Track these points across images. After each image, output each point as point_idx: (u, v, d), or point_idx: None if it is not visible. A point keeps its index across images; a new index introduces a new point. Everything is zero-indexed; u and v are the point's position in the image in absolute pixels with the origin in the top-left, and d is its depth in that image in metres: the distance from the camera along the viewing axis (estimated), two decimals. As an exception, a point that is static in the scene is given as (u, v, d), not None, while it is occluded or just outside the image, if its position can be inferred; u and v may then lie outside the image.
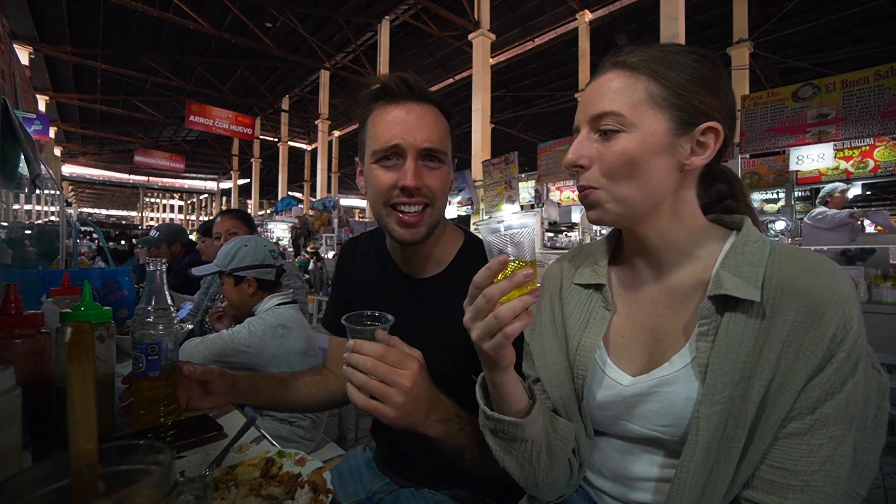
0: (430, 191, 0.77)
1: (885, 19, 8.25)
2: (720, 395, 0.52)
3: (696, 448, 0.53)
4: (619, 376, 0.62)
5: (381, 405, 0.59)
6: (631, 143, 0.57)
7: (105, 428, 0.76)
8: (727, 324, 0.54)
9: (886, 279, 3.26)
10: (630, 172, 0.58)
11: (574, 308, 0.69)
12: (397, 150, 0.75)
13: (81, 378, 0.29)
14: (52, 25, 10.18)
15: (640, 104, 0.57)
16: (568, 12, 9.41)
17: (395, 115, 0.75)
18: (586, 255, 0.74)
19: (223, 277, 1.51)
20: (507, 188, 8.22)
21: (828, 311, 0.49)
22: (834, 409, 0.49)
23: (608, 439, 0.66)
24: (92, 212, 32.83)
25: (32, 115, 6.58)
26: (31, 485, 0.28)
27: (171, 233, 2.97)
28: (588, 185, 0.61)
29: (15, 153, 1.36)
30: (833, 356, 0.49)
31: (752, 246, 0.57)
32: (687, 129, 0.58)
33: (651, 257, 0.64)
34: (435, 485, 0.89)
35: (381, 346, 0.60)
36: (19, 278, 1.37)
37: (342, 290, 1.03)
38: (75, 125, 16.80)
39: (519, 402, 0.59)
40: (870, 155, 5.62)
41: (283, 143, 16.30)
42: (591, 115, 0.60)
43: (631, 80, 0.58)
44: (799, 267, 0.53)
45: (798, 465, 0.50)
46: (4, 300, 0.64)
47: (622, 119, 0.58)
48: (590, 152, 0.61)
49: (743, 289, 0.53)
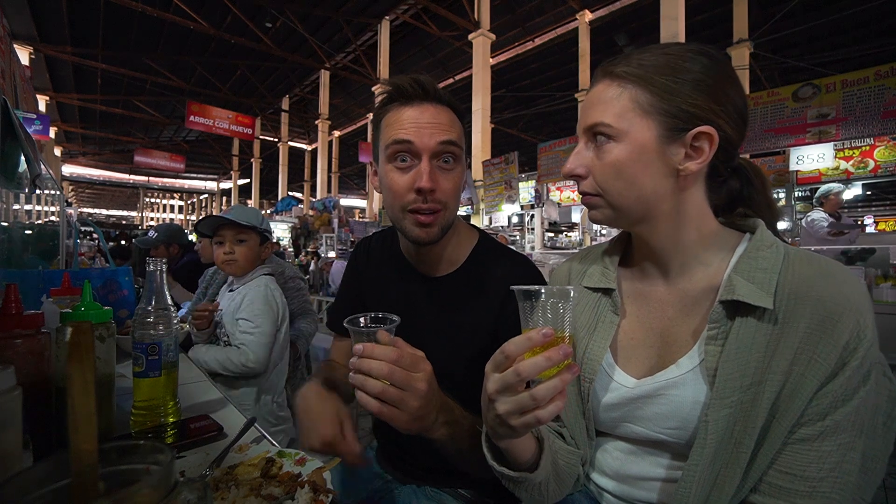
0: (443, 193, 0.76)
1: (885, 19, 8.25)
2: (729, 399, 0.52)
3: (704, 451, 0.53)
4: (625, 379, 0.62)
5: (396, 411, 0.56)
6: (621, 152, 0.58)
7: (105, 428, 0.76)
8: (738, 329, 0.53)
9: (886, 279, 3.27)
10: (621, 180, 0.59)
11: (582, 311, 0.69)
12: (410, 148, 0.74)
13: (81, 378, 0.29)
14: (52, 25, 10.18)
15: (627, 113, 0.58)
16: (568, 12, 9.41)
17: (408, 115, 0.75)
18: (595, 257, 0.73)
19: (246, 233, 1.55)
20: (507, 188, 8.23)
21: (842, 319, 0.49)
22: (844, 416, 0.49)
23: (612, 440, 0.66)
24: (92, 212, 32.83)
25: (32, 115, 6.58)
26: (31, 485, 0.28)
27: (170, 234, 2.97)
28: (586, 192, 0.63)
29: (15, 153, 1.36)
30: (846, 364, 0.49)
31: (766, 251, 0.56)
32: (678, 134, 0.57)
33: (659, 260, 0.64)
34: (437, 482, 0.90)
35: (395, 350, 0.56)
36: (19, 278, 1.37)
37: (355, 288, 1.02)
38: (75, 125, 16.81)
39: (527, 451, 0.56)
40: (870, 155, 5.62)
41: (283, 143, 16.31)
42: (585, 125, 0.62)
43: (618, 90, 0.59)
44: (813, 273, 0.53)
45: (807, 471, 0.49)
46: (4, 300, 0.64)
47: (610, 129, 0.59)
48: (585, 161, 0.63)
49: (755, 295, 0.52)
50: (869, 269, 3.40)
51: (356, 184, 21.82)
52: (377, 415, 0.56)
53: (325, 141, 14.14)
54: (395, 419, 0.57)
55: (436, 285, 0.89)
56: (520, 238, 8.29)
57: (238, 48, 11.73)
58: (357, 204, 24.79)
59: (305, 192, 17.16)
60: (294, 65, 12.80)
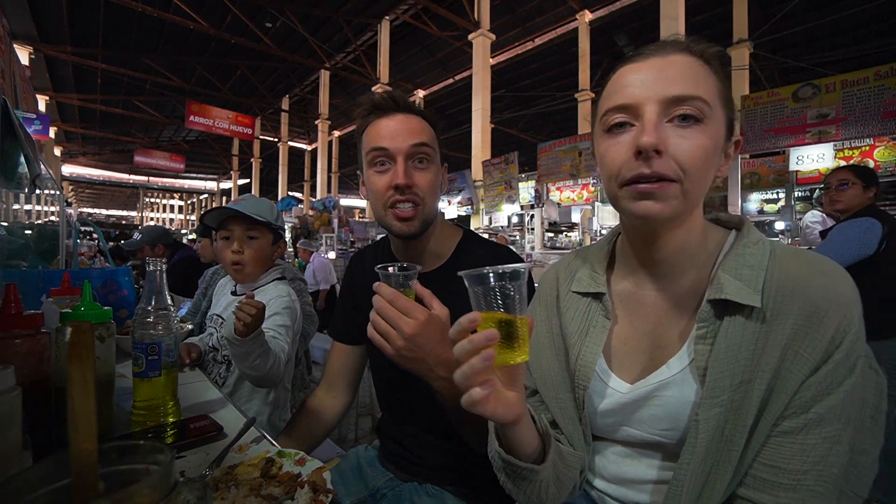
0: (420, 189, 0.85)
1: (885, 19, 8.25)
2: (719, 398, 0.52)
3: (695, 451, 0.52)
4: (619, 384, 0.61)
5: (383, 342, 0.67)
6: (709, 137, 0.53)
7: (105, 428, 0.76)
8: (727, 327, 0.53)
9: (886, 279, 3.26)
10: (705, 168, 0.53)
11: (573, 317, 0.67)
12: (386, 152, 0.84)
13: (81, 378, 0.29)
14: (52, 25, 10.18)
15: (715, 98, 0.54)
16: (568, 12, 9.41)
17: (383, 124, 0.86)
18: (583, 261, 0.71)
19: (258, 229, 1.33)
20: (507, 188, 8.23)
21: (828, 314, 0.49)
22: (829, 408, 0.49)
23: (609, 444, 0.65)
24: (92, 212, 32.81)
25: (32, 115, 6.58)
26: (31, 485, 0.28)
27: (153, 235, 3.01)
28: (665, 176, 0.52)
29: (15, 153, 1.36)
30: (830, 356, 0.49)
31: (753, 248, 0.56)
32: (729, 135, 0.57)
33: (659, 263, 0.61)
34: (438, 480, 0.91)
35: (395, 291, 0.66)
36: (19, 278, 1.37)
37: (350, 299, 1.07)
38: (75, 125, 16.81)
39: (530, 444, 0.56)
40: (870, 155, 5.62)
41: (283, 143, 16.31)
42: (671, 95, 0.52)
43: (705, 70, 0.55)
44: (800, 269, 0.52)
45: (790, 463, 0.49)
46: (4, 300, 0.64)
47: (705, 108, 0.53)
48: (666, 137, 0.52)
49: (743, 293, 0.52)
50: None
51: (356, 184, 21.73)
52: (369, 337, 0.68)
53: (325, 141, 14.14)
54: (381, 347, 0.68)
55: (424, 281, 0.91)
56: (520, 238, 8.29)
57: (238, 48, 11.73)
58: (357, 204, 24.78)
59: (305, 192, 17.17)
60: (294, 65, 12.80)
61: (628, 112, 0.55)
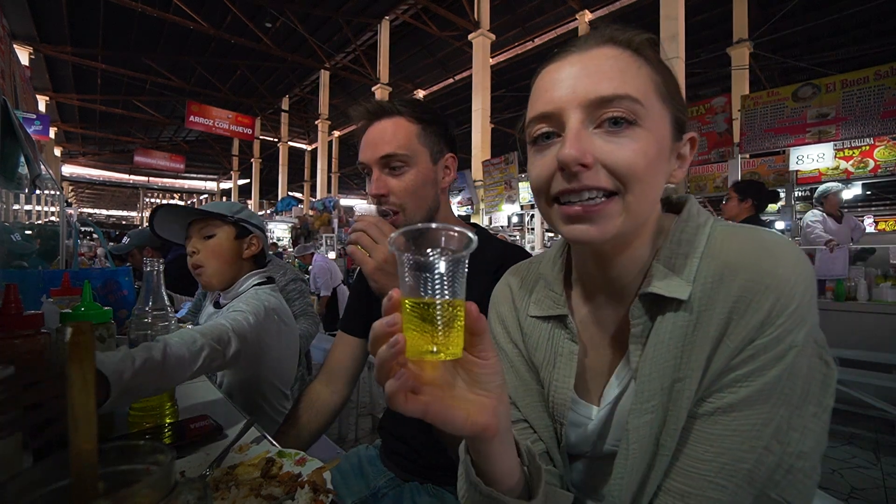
0: (396, 196, 0.87)
1: (886, 19, 8.24)
2: (648, 403, 0.47)
3: (628, 462, 0.48)
4: (588, 411, 0.57)
5: (364, 255, 0.76)
6: (649, 140, 0.46)
7: (105, 428, 0.76)
8: (658, 325, 0.48)
9: (886, 279, 3.27)
10: (648, 177, 0.46)
11: (537, 345, 0.60)
12: (365, 167, 0.89)
13: (81, 378, 0.29)
14: (52, 25, 10.17)
15: (649, 93, 0.47)
16: (568, 12, 9.40)
17: (364, 136, 0.90)
18: (536, 279, 0.63)
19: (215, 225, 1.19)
20: (507, 188, 8.22)
21: (758, 297, 0.43)
22: (742, 399, 0.43)
23: (579, 459, 0.61)
24: (92, 212, 32.79)
25: (32, 115, 6.57)
26: (31, 485, 0.28)
27: (141, 238, 3.02)
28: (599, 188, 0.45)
29: (15, 153, 1.36)
30: (752, 342, 0.43)
31: (689, 233, 0.49)
32: (678, 135, 0.50)
33: (613, 281, 0.54)
34: (439, 480, 0.92)
35: (378, 217, 0.75)
36: (19, 278, 1.37)
37: (363, 291, 1.07)
38: (75, 125, 16.79)
39: (509, 471, 0.44)
40: (870, 155, 5.61)
41: (283, 144, 16.30)
42: (594, 97, 0.45)
43: (635, 62, 0.47)
44: (737, 251, 0.46)
45: (692, 449, 0.45)
46: (4, 300, 0.64)
47: (637, 108, 0.45)
48: (593, 147, 0.45)
49: (672, 285, 0.46)
50: (869, 268, 3.40)
51: (356, 184, 21.80)
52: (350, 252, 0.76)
53: (325, 141, 14.13)
54: (363, 262, 0.75)
55: None
56: (520, 238, 8.29)
57: (238, 48, 11.72)
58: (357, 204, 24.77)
59: (305, 192, 17.15)
60: (294, 65, 12.79)
61: (550, 121, 0.48)
